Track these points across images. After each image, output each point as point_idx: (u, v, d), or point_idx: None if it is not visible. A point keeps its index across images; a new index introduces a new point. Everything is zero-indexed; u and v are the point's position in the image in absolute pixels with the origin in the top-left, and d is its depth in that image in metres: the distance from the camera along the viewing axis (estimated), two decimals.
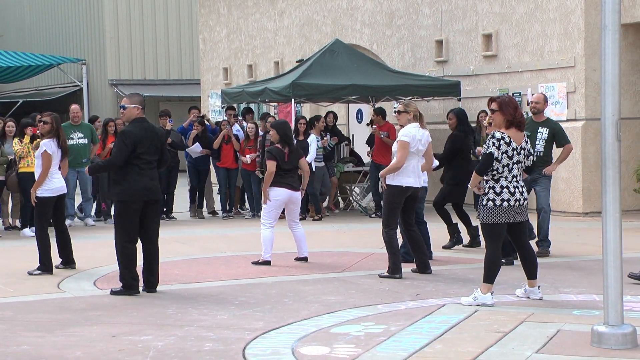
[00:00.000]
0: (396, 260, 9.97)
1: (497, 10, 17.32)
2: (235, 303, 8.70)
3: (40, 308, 8.65)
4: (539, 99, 11.73)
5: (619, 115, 6.78)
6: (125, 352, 6.84)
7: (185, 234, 14.66)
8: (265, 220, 10.99)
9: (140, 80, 32.79)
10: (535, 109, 11.64)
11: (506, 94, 17.09)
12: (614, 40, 6.66)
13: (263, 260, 10.93)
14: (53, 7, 36.36)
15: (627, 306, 7.53)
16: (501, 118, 8.42)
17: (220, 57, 26.06)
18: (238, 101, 18.63)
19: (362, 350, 6.76)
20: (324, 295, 8.99)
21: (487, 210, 8.32)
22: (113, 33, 32.67)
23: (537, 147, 11.44)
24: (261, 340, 7.19)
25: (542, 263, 10.83)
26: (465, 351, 6.67)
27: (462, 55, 18.16)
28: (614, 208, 6.72)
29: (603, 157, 6.81)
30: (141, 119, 9.35)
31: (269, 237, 10.95)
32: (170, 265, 11.19)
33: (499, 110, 8.44)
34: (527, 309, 8.15)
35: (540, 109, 11.62)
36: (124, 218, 9.25)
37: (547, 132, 11.49)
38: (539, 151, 11.45)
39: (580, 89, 15.77)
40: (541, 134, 11.51)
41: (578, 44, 15.79)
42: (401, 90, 17.14)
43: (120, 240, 9.22)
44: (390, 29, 19.85)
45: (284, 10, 23.29)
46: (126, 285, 9.22)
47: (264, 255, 10.93)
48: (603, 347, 6.65)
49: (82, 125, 16.00)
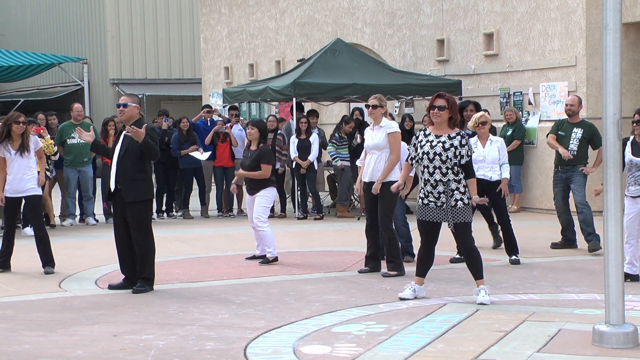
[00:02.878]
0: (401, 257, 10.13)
1: (498, 10, 17.32)
2: (236, 302, 8.70)
3: (42, 307, 8.66)
4: (573, 101, 11.92)
5: (620, 114, 6.79)
6: (126, 351, 6.84)
7: (186, 233, 14.66)
8: (264, 219, 10.98)
9: (141, 79, 32.81)
10: (570, 111, 11.85)
11: (507, 93, 17.12)
12: (615, 39, 6.66)
13: (273, 257, 10.95)
14: (54, 6, 36.36)
15: (629, 305, 7.53)
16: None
17: (221, 57, 26.06)
18: (239, 100, 18.62)
19: (363, 350, 6.76)
20: (325, 295, 9.00)
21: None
22: (114, 32, 32.68)
23: (571, 146, 11.65)
24: (262, 339, 7.19)
25: (543, 263, 10.87)
26: (467, 350, 6.67)
27: (463, 55, 18.16)
28: (615, 207, 6.73)
29: (604, 156, 6.83)
30: (142, 119, 9.41)
31: (272, 234, 11.00)
32: (171, 264, 11.21)
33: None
34: (528, 308, 8.15)
35: (575, 111, 11.81)
36: (149, 215, 9.47)
37: (581, 132, 11.65)
38: (572, 151, 11.63)
39: (581, 88, 15.76)
40: (575, 133, 11.70)
41: (579, 43, 15.78)
42: (402, 89, 17.14)
43: (151, 239, 9.39)
44: (391, 28, 19.85)
45: (285, 9, 23.29)
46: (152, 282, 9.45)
47: (273, 253, 10.96)
48: (604, 346, 6.65)
49: (84, 124, 15.99)
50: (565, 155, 11.54)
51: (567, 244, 11.86)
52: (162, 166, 16.57)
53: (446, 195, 8.39)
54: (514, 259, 10.76)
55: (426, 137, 8.55)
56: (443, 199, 8.40)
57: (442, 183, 8.40)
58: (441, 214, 8.44)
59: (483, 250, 10.39)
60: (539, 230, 13.42)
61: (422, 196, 8.54)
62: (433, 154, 8.43)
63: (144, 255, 9.33)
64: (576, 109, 11.81)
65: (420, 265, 8.75)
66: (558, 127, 11.96)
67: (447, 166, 8.39)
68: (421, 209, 8.55)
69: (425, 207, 8.49)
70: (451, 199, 8.38)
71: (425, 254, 8.70)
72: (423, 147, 8.50)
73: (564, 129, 11.86)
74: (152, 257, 9.40)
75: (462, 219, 8.41)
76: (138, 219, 9.32)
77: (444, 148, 8.42)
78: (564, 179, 11.76)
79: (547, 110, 16.42)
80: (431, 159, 8.43)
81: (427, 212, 8.49)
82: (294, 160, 16.17)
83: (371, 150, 10.17)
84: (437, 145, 8.44)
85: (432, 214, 8.47)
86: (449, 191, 8.39)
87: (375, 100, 10.21)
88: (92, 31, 33.70)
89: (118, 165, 9.34)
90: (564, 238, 11.91)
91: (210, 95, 26.21)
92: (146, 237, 9.35)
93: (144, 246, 9.32)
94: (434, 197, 8.44)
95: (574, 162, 11.62)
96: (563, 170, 11.75)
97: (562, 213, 11.89)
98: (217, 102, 24.72)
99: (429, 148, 8.46)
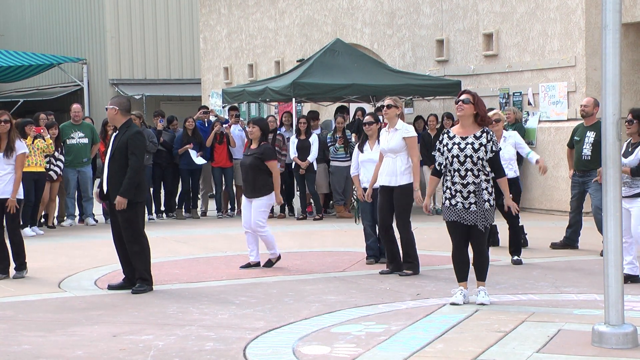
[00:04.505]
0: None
1: (497, 10, 17.32)
2: (236, 303, 8.70)
3: (41, 307, 8.66)
4: (588, 102, 11.75)
5: (620, 114, 6.78)
6: (126, 352, 6.84)
7: (185, 233, 14.66)
8: (264, 224, 10.86)
9: (141, 79, 32.81)
10: (584, 112, 11.72)
11: (506, 93, 17.12)
12: (614, 39, 6.66)
13: (276, 257, 10.90)
14: (54, 6, 36.35)
15: (628, 306, 7.52)
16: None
17: (221, 57, 26.06)
18: (239, 101, 18.62)
19: (362, 350, 6.76)
20: (324, 295, 8.99)
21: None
22: (114, 32, 32.68)
23: (584, 151, 11.51)
24: (262, 339, 7.19)
25: (543, 263, 10.87)
26: (466, 351, 6.67)
27: (462, 55, 18.16)
28: (614, 207, 6.73)
29: (604, 156, 6.81)
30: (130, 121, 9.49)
31: (273, 236, 10.96)
32: (171, 264, 11.20)
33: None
34: (527, 308, 8.15)
35: (589, 112, 11.64)
36: (139, 216, 9.42)
37: (593, 136, 11.44)
38: (586, 155, 11.52)
39: (581, 88, 15.76)
40: (588, 137, 11.55)
41: (579, 44, 15.78)
42: (402, 89, 17.13)
43: (143, 239, 9.37)
44: (391, 29, 19.85)
45: (285, 9, 23.28)
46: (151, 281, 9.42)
47: (276, 253, 10.88)
48: (604, 346, 6.65)
49: (83, 125, 16.01)
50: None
51: (568, 244, 11.86)
52: (158, 167, 16.57)
53: (476, 195, 8.16)
54: (517, 260, 10.74)
55: (451, 140, 8.28)
56: (472, 199, 8.16)
57: (474, 184, 8.19)
58: (468, 215, 8.18)
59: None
60: (538, 231, 13.42)
61: (448, 196, 8.28)
62: (464, 157, 8.19)
63: (136, 256, 9.32)
64: (590, 110, 11.63)
65: (457, 270, 8.46)
66: (574, 134, 11.87)
67: (478, 168, 8.17)
68: (448, 209, 8.28)
69: (453, 207, 8.24)
70: (480, 199, 8.16)
71: (459, 255, 8.42)
72: (451, 151, 8.23)
73: (578, 133, 11.74)
74: (146, 257, 9.36)
75: (487, 222, 8.21)
76: (127, 220, 9.30)
77: (473, 149, 8.18)
78: (580, 183, 11.71)
79: (546, 110, 16.42)
80: (462, 162, 8.19)
81: (454, 213, 8.24)
82: (294, 160, 16.17)
83: (386, 154, 10.14)
84: (467, 148, 8.19)
85: (460, 214, 8.21)
86: (480, 190, 8.17)
87: (390, 100, 10.20)
88: (92, 31, 33.70)
89: (108, 168, 9.40)
90: (566, 238, 11.91)
91: (210, 95, 26.20)
92: (137, 238, 9.33)
93: (135, 247, 9.31)
94: (462, 197, 8.18)
95: (589, 167, 11.49)
96: (580, 174, 11.71)
97: (574, 212, 11.92)
98: (216, 102, 24.73)
99: (458, 151, 8.20)
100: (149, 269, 9.37)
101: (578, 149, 11.66)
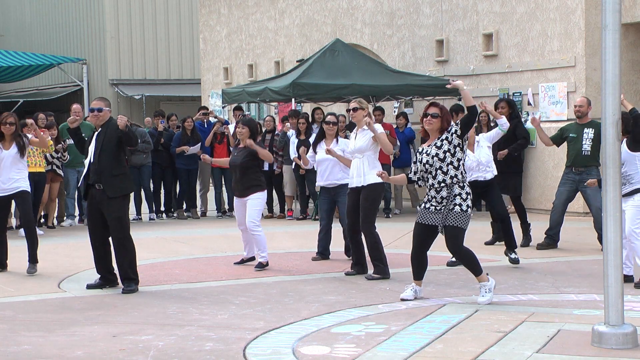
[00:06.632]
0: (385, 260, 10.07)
1: (497, 10, 17.32)
2: (235, 303, 8.70)
3: (41, 308, 8.66)
4: (582, 102, 12.01)
5: (620, 114, 6.79)
6: (125, 352, 6.84)
7: (185, 233, 14.66)
8: (258, 223, 10.82)
9: (140, 79, 32.83)
10: (579, 112, 11.91)
11: (506, 93, 17.11)
12: (614, 39, 6.66)
13: (267, 261, 10.85)
14: (54, 6, 36.36)
15: (628, 306, 7.53)
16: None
17: (220, 57, 26.07)
18: (238, 101, 18.62)
19: (362, 350, 6.76)
20: (324, 295, 9.00)
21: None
22: (114, 32, 32.69)
23: (584, 147, 11.68)
24: (262, 340, 7.19)
25: (542, 264, 10.87)
26: (466, 351, 6.67)
27: (462, 55, 18.16)
28: (614, 208, 6.73)
29: (603, 156, 6.82)
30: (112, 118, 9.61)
31: (265, 238, 10.91)
32: (170, 264, 11.21)
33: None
34: (527, 308, 8.15)
35: (584, 112, 11.87)
36: (127, 211, 9.49)
37: (592, 132, 11.67)
38: (586, 151, 11.66)
39: (580, 88, 15.76)
40: (587, 134, 11.72)
41: (578, 44, 15.79)
42: (402, 90, 17.14)
43: (129, 235, 9.38)
44: (390, 29, 19.85)
45: (285, 10, 23.29)
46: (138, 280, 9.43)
47: (266, 257, 10.81)
48: (604, 346, 6.65)
49: (83, 125, 15.96)
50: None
51: (551, 244, 11.88)
52: (158, 167, 16.58)
53: (448, 200, 8.34)
54: (514, 258, 10.69)
55: (421, 154, 8.51)
56: (444, 202, 8.36)
57: (446, 187, 8.34)
58: (438, 217, 8.39)
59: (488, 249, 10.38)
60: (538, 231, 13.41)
61: (425, 201, 8.55)
62: (430, 157, 8.39)
63: (124, 255, 9.33)
64: (585, 110, 11.85)
65: (414, 269, 8.69)
66: (564, 132, 11.93)
67: (447, 162, 8.33)
68: (421, 212, 8.55)
69: (426, 210, 8.47)
70: (451, 203, 8.34)
71: (417, 257, 8.64)
72: (422, 162, 8.45)
73: (574, 131, 11.84)
74: (134, 256, 9.39)
75: (456, 223, 8.33)
76: (117, 214, 9.32)
77: (436, 147, 8.40)
78: (575, 181, 11.71)
79: (546, 110, 16.42)
80: (431, 164, 8.38)
81: (425, 215, 8.47)
82: (294, 160, 16.15)
83: (354, 155, 10.12)
84: (432, 150, 8.41)
85: (430, 216, 8.43)
86: (451, 196, 8.34)
87: (356, 103, 10.18)
88: (92, 32, 33.72)
89: (96, 163, 9.37)
90: (548, 238, 11.92)
91: (210, 95, 26.21)
92: (127, 237, 9.35)
93: (123, 242, 9.32)
94: (436, 202, 8.40)
95: (588, 163, 11.62)
96: (577, 172, 11.71)
97: (557, 213, 11.87)
98: (216, 102, 24.74)
99: (426, 157, 8.42)
100: (135, 267, 9.40)
101: (576, 145, 11.70)
